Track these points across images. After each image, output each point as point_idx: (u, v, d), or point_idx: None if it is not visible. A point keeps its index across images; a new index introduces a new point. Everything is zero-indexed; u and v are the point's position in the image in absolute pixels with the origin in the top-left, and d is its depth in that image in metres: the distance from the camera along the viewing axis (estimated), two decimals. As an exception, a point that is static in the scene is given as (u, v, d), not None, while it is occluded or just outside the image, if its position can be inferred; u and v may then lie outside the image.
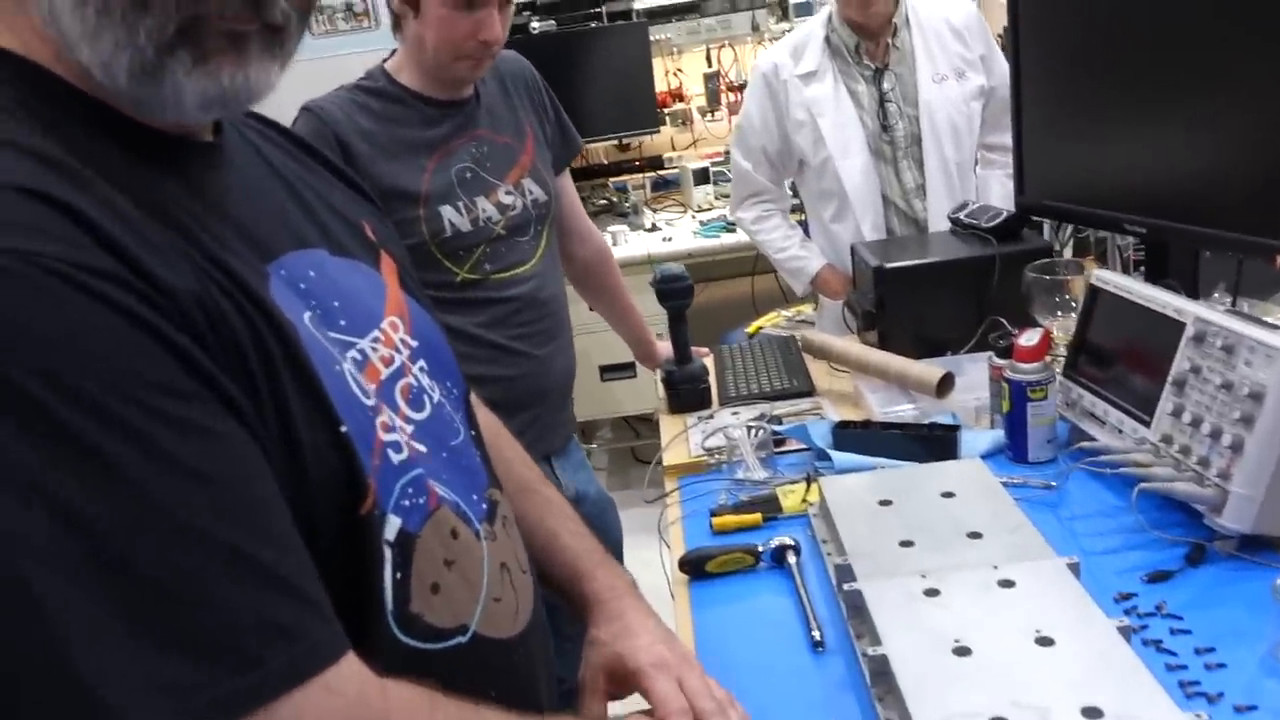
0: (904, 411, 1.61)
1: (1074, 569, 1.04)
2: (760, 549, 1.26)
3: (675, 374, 1.81)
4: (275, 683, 0.56)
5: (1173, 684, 0.95)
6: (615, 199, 4.02)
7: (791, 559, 1.24)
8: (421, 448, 0.75)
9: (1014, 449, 1.43)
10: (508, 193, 1.67)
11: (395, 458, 0.71)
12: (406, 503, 0.71)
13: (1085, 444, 1.29)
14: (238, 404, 0.60)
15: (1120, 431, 1.31)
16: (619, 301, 2.08)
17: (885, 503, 1.23)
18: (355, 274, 0.80)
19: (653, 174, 4.11)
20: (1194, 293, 1.57)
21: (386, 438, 0.71)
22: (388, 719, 0.62)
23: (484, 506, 0.82)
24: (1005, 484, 1.27)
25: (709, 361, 1.99)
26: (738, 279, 3.88)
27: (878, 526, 1.17)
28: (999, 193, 2.26)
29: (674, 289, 1.73)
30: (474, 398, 0.94)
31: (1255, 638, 0.99)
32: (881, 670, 0.94)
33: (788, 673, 1.06)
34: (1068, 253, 2.26)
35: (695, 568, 1.26)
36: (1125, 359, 1.36)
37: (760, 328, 3.04)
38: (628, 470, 3.92)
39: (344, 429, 0.66)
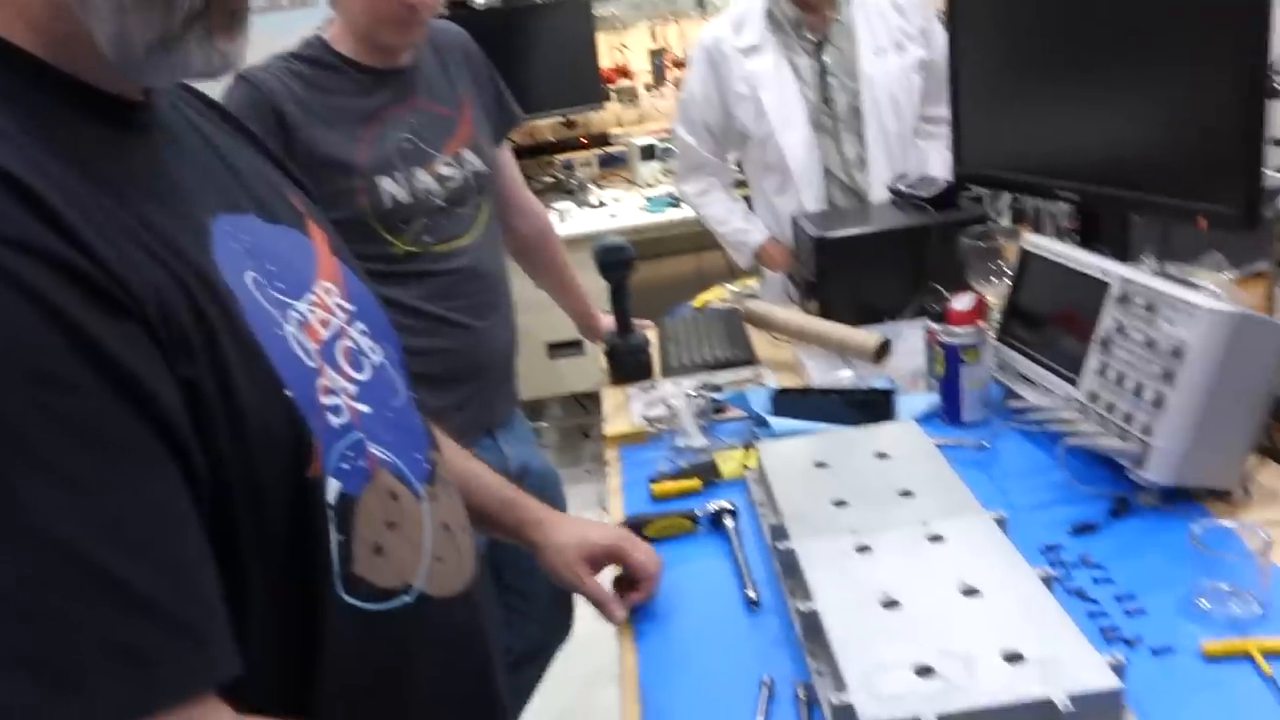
0: (842, 378, 1.62)
1: (1001, 523, 1.06)
2: (698, 513, 1.27)
3: (617, 345, 1.81)
4: (108, 711, 0.53)
5: (1094, 630, 0.98)
6: (562, 176, 4.00)
7: (729, 522, 1.25)
8: (365, 408, 0.76)
9: (948, 411, 1.45)
10: (446, 164, 1.65)
11: (335, 421, 0.71)
12: (346, 466, 0.71)
13: (1015, 403, 1.31)
14: (157, 401, 0.57)
15: (1050, 391, 1.34)
16: (562, 276, 2.07)
17: (821, 465, 1.24)
18: (286, 239, 0.79)
19: (599, 151, 4.09)
20: (1125, 258, 1.60)
21: (327, 401, 0.71)
22: None
23: (426, 467, 0.83)
24: (939, 445, 1.28)
25: (652, 333, 2.00)
26: (684, 255, 3.89)
27: (812, 488, 1.18)
28: (939, 164, 2.28)
29: (615, 260, 1.73)
30: None
31: (1174, 584, 1.02)
32: (812, 625, 0.95)
33: (724, 632, 1.07)
34: (1005, 222, 2.29)
35: (634, 533, 1.26)
36: (1055, 321, 1.38)
37: (706, 302, 3.05)
38: (578, 447, 3.92)
39: (288, 393, 0.66)
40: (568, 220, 3.55)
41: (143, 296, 0.58)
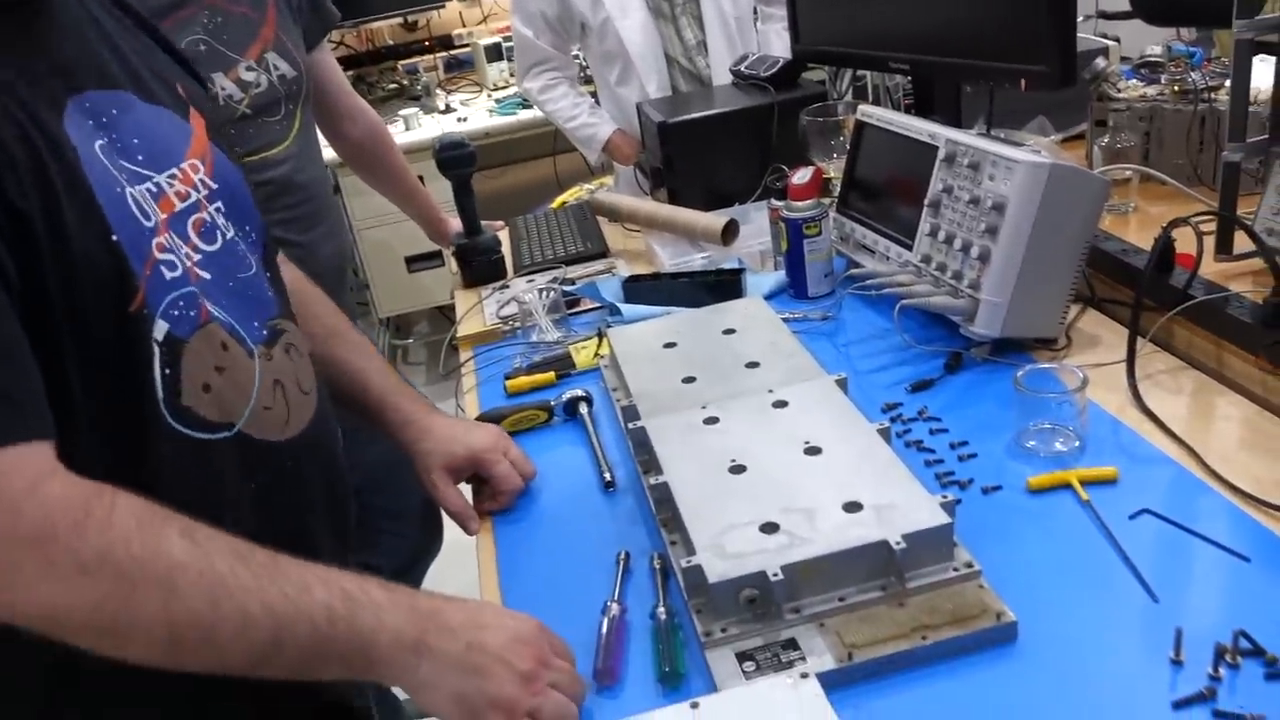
0: (693, 261, 1.63)
1: (842, 384, 1.09)
2: (553, 404, 1.27)
3: (466, 246, 1.76)
4: None
5: (930, 477, 1.02)
6: (406, 82, 3.85)
7: (584, 409, 1.25)
8: (205, 274, 0.85)
9: (794, 286, 1.48)
10: (249, 69, 1.53)
11: (168, 274, 0.81)
12: (176, 312, 0.81)
13: (854, 271, 1.34)
14: None
15: (888, 258, 1.37)
16: (401, 181, 1.99)
17: (670, 345, 1.25)
18: (161, 119, 0.88)
19: (444, 54, 3.95)
20: (957, 126, 1.64)
21: (161, 256, 0.81)
22: (52, 521, 0.67)
23: (264, 332, 0.92)
24: (786, 319, 1.31)
25: (504, 234, 1.96)
26: (541, 159, 3.81)
27: (662, 367, 1.19)
28: (779, 46, 2.28)
29: (455, 156, 1.67)
30: (281, 255, 1.06)
31: (1002, 428, 1.07)
32: (664, 497, 0.96)
33: (583, 514, 1.08)
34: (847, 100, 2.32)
35: (488, 429, 1.25)
36: (890, 189, 1.41)
37: (564, 202, 3.00)
38: (447, 361, 3.87)
39: (115, 237, 0.76)
40: (414, 128, 3.42)
41: None
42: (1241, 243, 1.22)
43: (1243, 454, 0.98)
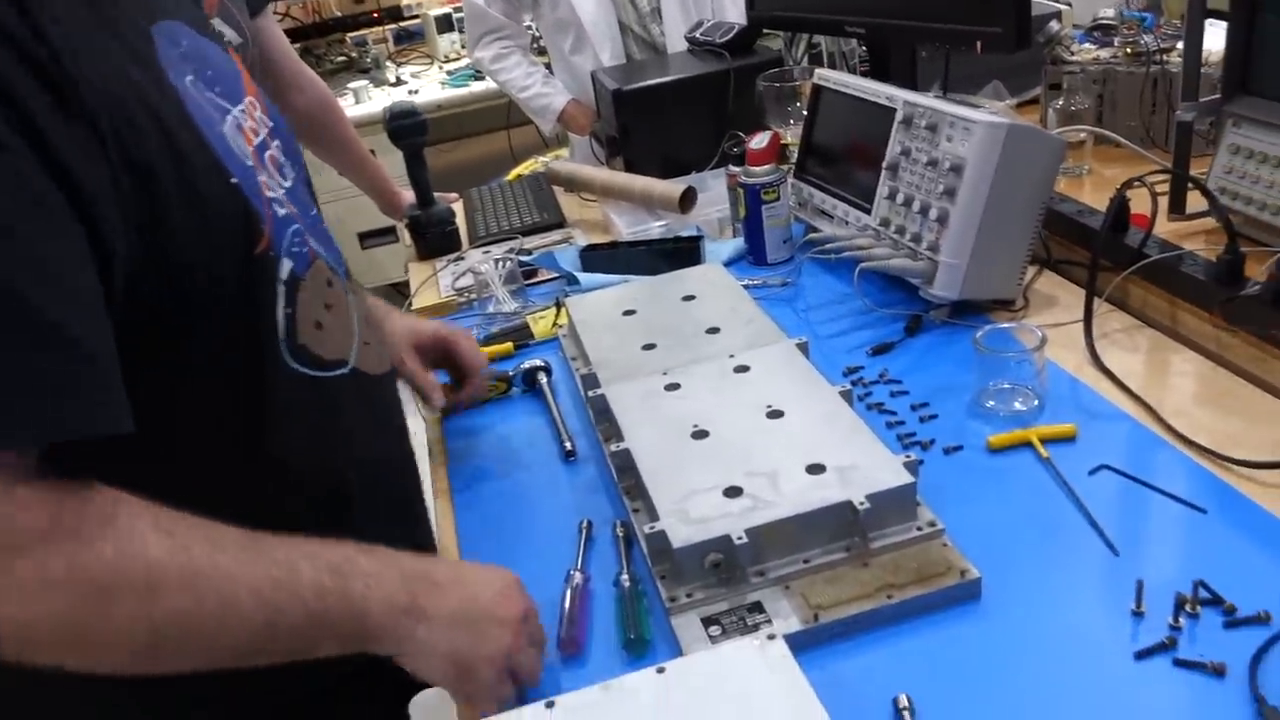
0: (651, 230, 1.61)
1: (803, 348, 1.08)
2: (511, 374, 1.25)
3: (419, 218, 1.73)
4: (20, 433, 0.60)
5: (892, 438, 1.02)
6: (355, 55, 3.77)
7: (543, 379, 1.23)
8: (295, 209, 0.84)
9: (753, 252, 1.47)
10: None
11: (280, 210, 0.80)
12: (295, 249, 0.80)
13: (813, 236, 1.34)
14: (70, 174, 0.61)
15: (847, 223, 1.37)
16: (350, 151, 1.95)
17: (629, 313, 1.23)
18: (217, 52, 0.84)
19: (393, 25, 3.87)
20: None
21: (269, 194, 0.79)
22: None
23: (344, 266, 0.92)
24: (746, 286, 1.30)
25: (458, 206, 1.93)
26: (495, 133, 3.76)
27: (621, 335, 1.18)
28: (734, 12, 2.25)
29: (406, 125, 1.64)
30: None
31: (962, 389, 1.07)
32: (626, 464, 0.95)
33: (543, 484, 1.07)
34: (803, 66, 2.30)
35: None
36: (849, 153, 1.40)
37: (520, 175, 2.97)
38: (404, 339, 3.82)
39: (234, 180, 0.74)
40: (364, 101, 3.36)
41: (95, 97, 0.63)
42: (1194, 202, 1.23)
43: (1198, 409, 0.99)
